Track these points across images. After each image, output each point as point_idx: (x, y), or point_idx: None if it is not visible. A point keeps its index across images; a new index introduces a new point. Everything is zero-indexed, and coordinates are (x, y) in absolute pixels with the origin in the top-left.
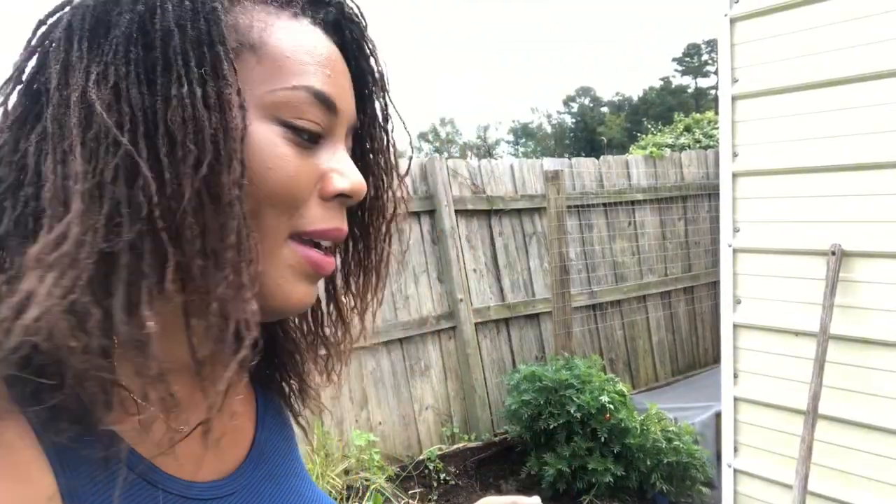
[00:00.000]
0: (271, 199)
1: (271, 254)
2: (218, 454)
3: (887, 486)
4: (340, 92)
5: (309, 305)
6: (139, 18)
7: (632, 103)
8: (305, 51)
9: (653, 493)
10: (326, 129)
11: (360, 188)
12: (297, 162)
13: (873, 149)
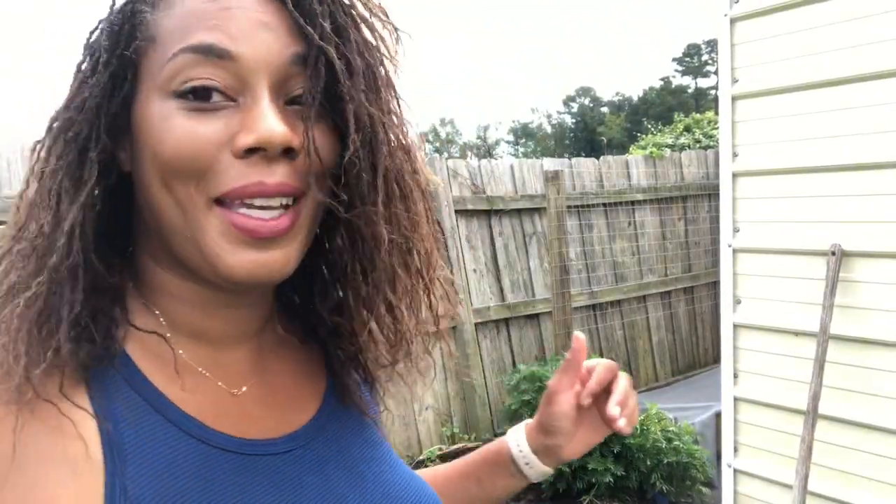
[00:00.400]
0: (169, 168)
1: (197, 223)
2: (280, 417)
3: (887, 486)
4: (235, 34)
5: (265, 276)
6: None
7: (632, 103)
8: (190, 15)
9: (653, 493)
10: (232, 83)
11: (267, 137)
12: (191, 127)
13: (873, 149)
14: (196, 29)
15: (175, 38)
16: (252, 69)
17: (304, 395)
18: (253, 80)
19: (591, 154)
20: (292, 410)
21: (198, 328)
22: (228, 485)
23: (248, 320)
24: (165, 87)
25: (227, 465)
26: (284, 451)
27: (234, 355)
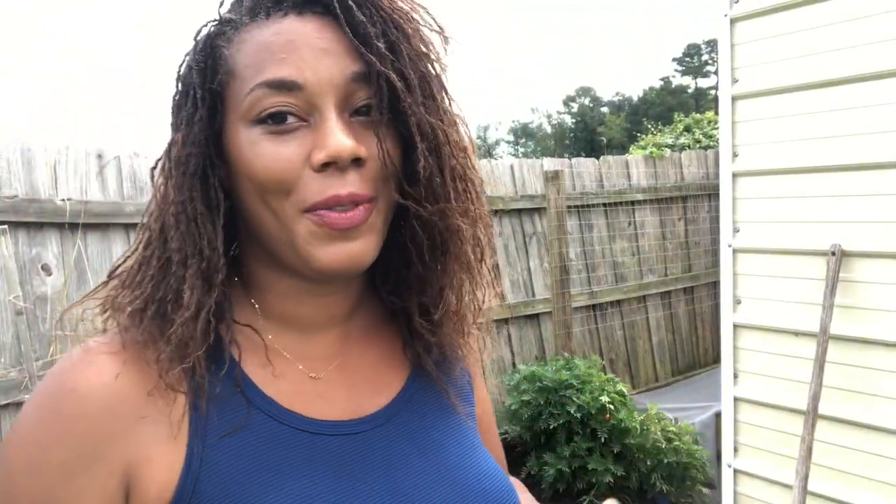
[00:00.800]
0: (262, 187)
1: (291, 228)
2: (355, 401)
3: (887, 486)
4: (300, 65)
5: (349, 265)
6: (177, 77)
7: (632, 103)
8: (259, 50)
9: (653, 494)
10: (303, 106)
11: (336, 152)
12: (275, 151)
13: (873, 149)
14: (268, 63)
15: (251, 72)
16: (318, 93)
17: (383, 381)
18: (320, 102)
19: (591, 154)
20: (369, 395)
21: (288, 316)
22: (296, 461)
23: (333, 309)
24: (247, 117)
25: (297, 442)
26: (354, 432)
27: (320, 341)
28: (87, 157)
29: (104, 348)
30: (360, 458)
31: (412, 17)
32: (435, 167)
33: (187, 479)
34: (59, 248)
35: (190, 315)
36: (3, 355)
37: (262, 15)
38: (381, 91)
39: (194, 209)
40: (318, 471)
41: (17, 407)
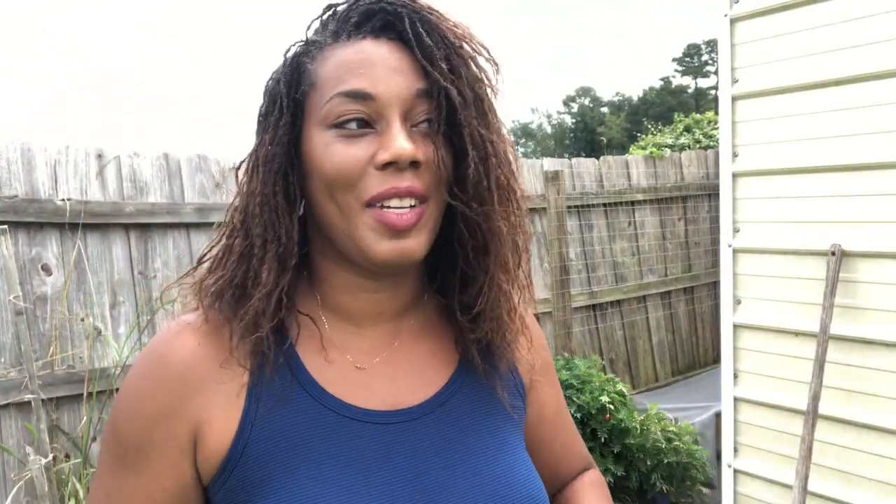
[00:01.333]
0: (332, 182)
1: (353, 221)
2: (395, 393)
3: (887, 486)
4: (374, 80)
5: (401, 259)
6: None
7: (632, 103)
8: (340, 65)
9: (653, 494)
10: (372, 114)
11: (398, 153)
12: (345, 151)
13: (873, 149)
14: (347, 76)
15: (331, 84)
16: (387, 104)
17: (426, 378)
18: (387, 112)
19: (591, 154)
20: (410, 390)
21: (343, 308)
22: (329, 442)
23: (383, 305)
24: (324, 122)
25: (333, 424)
26: (386, 422)
27: (370, 335)
28: (87, 157)
29: (189, 323)
30: (386, 447)
31: (471, 47)
32: (482, 174)
33: (239, 442)
34: (59, 248)
35: (266, 291)
36: (3, 355)
37: (343, 37)
38: (441, 106)
39: (276, 201)
40: (345, 454)
41: (17, 407)
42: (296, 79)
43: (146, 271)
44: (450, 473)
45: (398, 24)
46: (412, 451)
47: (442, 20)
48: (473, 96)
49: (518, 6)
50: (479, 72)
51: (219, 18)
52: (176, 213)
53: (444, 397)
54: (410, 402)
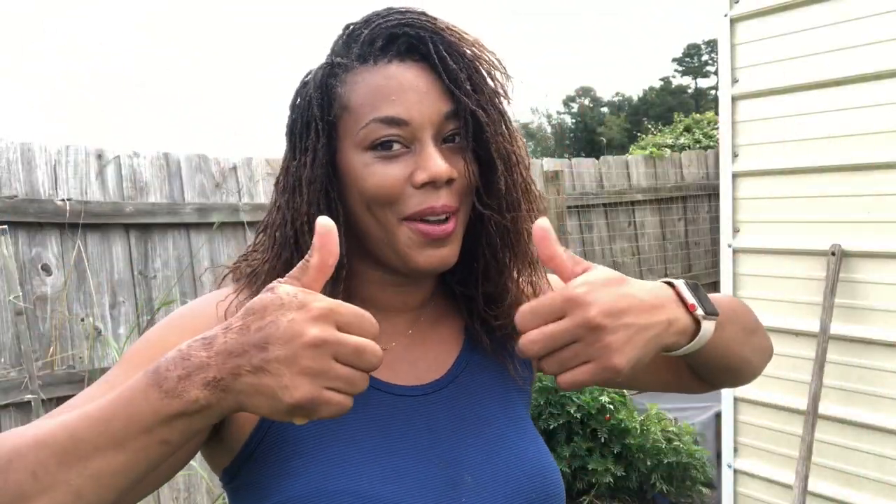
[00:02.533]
0: (372, 199)
1: (393, 234)
2: (414, 371)
3: (887, 486)
4: (408, 105)
5: (440, 266)
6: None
7: (632, 103)
8: (373, 91)
9: (653, 494)
10: (407, 137)
11: (436, 174)
12: (384, 171)
13: (873, 149)
14: (381, 103)
15: (366, 110)
16: (420, 127)
17: (440, 358)
18: (421, 134)
19: (591, 154)
20: (427, 369)
21: (368, 298)
22: (360, 410)
23: (407, 298)
24: (362, 144)
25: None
26: (414, 395)
27: (394, 321)
28: (87, 157)
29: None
30: (409, 416)
31: (489, 63)
32: (511, 183)
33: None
34: (59, 248)
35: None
36: (3, 355)
37: (370, 61)
38: (468, 124)
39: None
40: (371, 421)
41: (17, 407)
42: (327, 101)
43: (146, 271)
44: (464, 440)
45: (421, 48)
46: (429, 422)
47: (462, 40)
48: (496, 112)
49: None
50: (497, 85)
51: (219, 18)
52: (176, 213)
53: (454, 375)
54: (427, 379)
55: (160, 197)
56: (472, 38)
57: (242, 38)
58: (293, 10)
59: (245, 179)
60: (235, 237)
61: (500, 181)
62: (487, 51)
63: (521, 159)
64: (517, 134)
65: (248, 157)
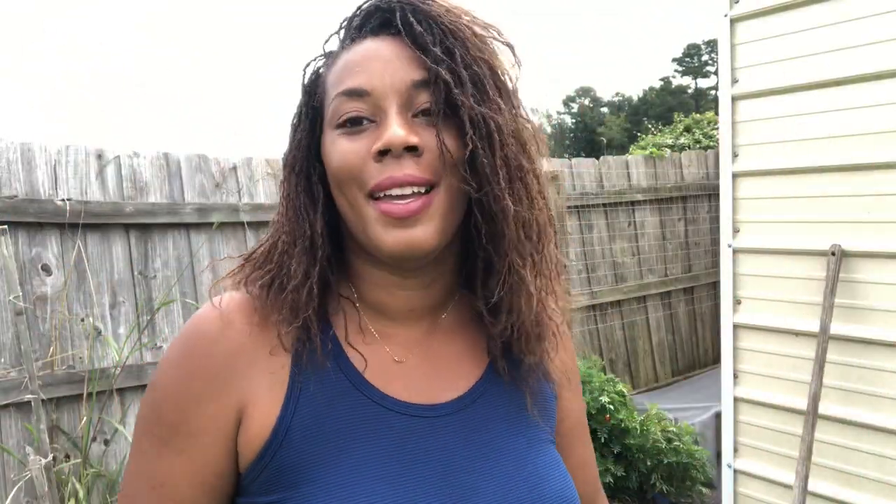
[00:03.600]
0: (338, 176)
1: (361, 215)
2: (429, 388)
3: (887, 486)
4: (369, 75)
5: (408, 248)
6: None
7: (632, 103)
8: (343, 68)
9: (653, 494)
10: (371, 109)
11: (389, 140)
12: (348, 146)
13: (873, 149)
14: (346, 77)
15: (334, 86)
16: (382, 97)
17: (461, 374)
18: (385, 105)
19: (591, 154)
20: (443, 387)
21: (380, 304)
22: (365, 430)
23: (415, 302)
24: (332, 122)
25: (371, 414)
26: (428, 416)
27: (406, 329)
28: (87, 157)
29: (237, 307)
30: (422, 440)
31: (469, 28)
32: (487, 153)
33: (281, 426)
34: (59, 248)
35: (298, 282)
36: (3, 355)
37: (348, 41)
38: (438, 89)
39: (299, 200)
40: (382, 444)
41: (17, 407)
42: (313, 87)
43: (146, 271)
44: (479, 471)
45: (393, 19)
46: (445, 447)
47: (434, 5)
48: (470, 75)
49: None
50: (481, 52)
51: (219, 18)
52: (176, 213)
53: (474, 396)
54: (445, 397)
55: (160, 197)
56: (453, 5)
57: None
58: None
59: (245, 179)
60: (235, 237)
61: (468, 147)
62: (466, 15)
63: (503, 129)
64: (514, 105)
65: (248, 157)
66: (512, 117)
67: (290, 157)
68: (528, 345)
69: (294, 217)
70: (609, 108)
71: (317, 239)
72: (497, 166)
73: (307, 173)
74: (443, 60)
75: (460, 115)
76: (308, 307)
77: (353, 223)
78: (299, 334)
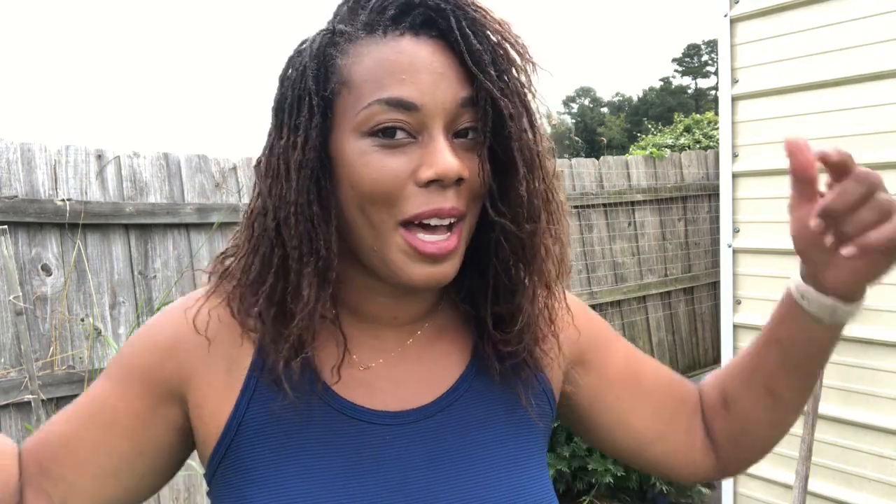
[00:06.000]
0: (366, 195)
1: (385, 240)
2: (397, 395)
3: (887, 486)
4: (420, 88)
5: (436, 284)
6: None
7: (632, 104)
8: (380, 67)
9: (653, 494)
10: (414, 125)
11: (444, 171)
12: (384, 163)
13: (873, 149)
14: (388, 82)
15: (370, 87)
16: (431, 115)
17: (435, 379)
18: (431, 123)
19: (591, 154)
20: (416, 392)
21: (355, 307)
22: (323, 438)
23: (399, 311)
24: (360, 128)
25: (330, 421)
26: (389, 423)
27: (381, 336)
28: (87, 157)
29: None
30: (377, 450)
31: (516, 50)
32: (532, 190)
33: (234, 419)
34: (59, 249)
35: (309, 311)
36: (3, 355)
37: (379, 31)
38: (487, 115)
39: (312, 211)
40: (335, 451)
41: (17, 407)
42: (323, 74)
43: (146, 271)
44: (441, 485)
45: (440, 22)
46: (401, 457)
47: (487, 18)
48: (521, 105)
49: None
50: (525, 76)
51: (219, 18)
52: (176, 213)
53: (449, 400)
54: (411, 404)
55: (160, 197)
56: (499, 17)
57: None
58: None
59: (245, 179)
60: None
61: (520, 186)
62: (514, 34)
63: (546, 165)
64: (544, 135)
65: (248, 157)
66: (547, 151)
67: (298, 157)
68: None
69: (305, 231)
70: (609, 108)
71: (331, 258)
72: (539, 204)
73: (317, 178)
74: (495, 82)
75: (510, 147)
76: (315, 337)
77: (367, 244)
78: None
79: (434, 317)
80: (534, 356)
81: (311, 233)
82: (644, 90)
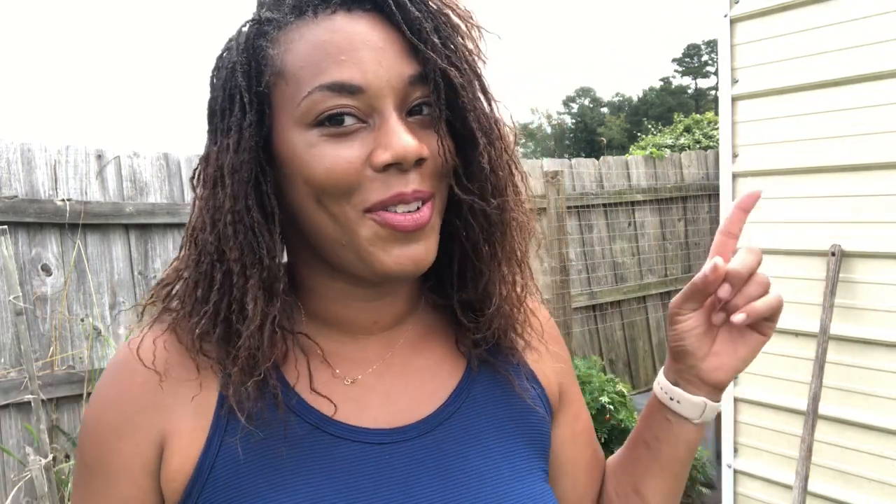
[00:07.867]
0: (322, 189)
1: (352, 230)
2: (388, 410)
3: (887, 486)
4: (362, 67)
5: (414, 268)
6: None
7: (632, 104)
8: (315, 51)
9: None
10: (363, 108)
11: (402, 153)
12: (336, 152)
13: (873, 149)
14: (326, 65)
15: (307, 74)
16: (379, 95)
17: (426, 391)
18: (380, 104)
19: (591, 154)
20: (407, 405)
21: (332, 318)
22: (312, 462)
23: (379, 314)
24: (304, 119)
25: (317, 443)
26: (379, 442)
27: (361, 345)
28: (87, 157)
29: (158, 336)
30: (375, 472)
31: (456, 13)
32: (495, 162)
33: (205, 462)
34: (59, 249)
35: (255, 327)
36: (2, 355)
37: (309, 13)
38: (439, 88)
39: (251, 218)
40: (327, 478)
41: (17, 407)
42: (255, 68)
43: (146, 271)
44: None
45: None
46: (405, 477)
47: None
48: (472, 72)
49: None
50: (471, 41)
51: (219, 18)
52: (176, 213)
53: (447, 413)
54: (407, 419)
55: (160, 197)
56: None
57: None
58: None
59: None
60: None
61: (482, 159)
62: (457, 1)
63: (504, 134)
64: (499, 101)
65: None
66: (501, 118)
67: (231, 160)
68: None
69: (243, 240)
70: (609, 108)
71: (276, 268)
72: (504, 176)
73: (256, 182)
74: (442, 53)
75: (466, 118)
76: (272, 353)
77: (333, 240)
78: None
79: (415, 320)
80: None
81: (252, 242)
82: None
